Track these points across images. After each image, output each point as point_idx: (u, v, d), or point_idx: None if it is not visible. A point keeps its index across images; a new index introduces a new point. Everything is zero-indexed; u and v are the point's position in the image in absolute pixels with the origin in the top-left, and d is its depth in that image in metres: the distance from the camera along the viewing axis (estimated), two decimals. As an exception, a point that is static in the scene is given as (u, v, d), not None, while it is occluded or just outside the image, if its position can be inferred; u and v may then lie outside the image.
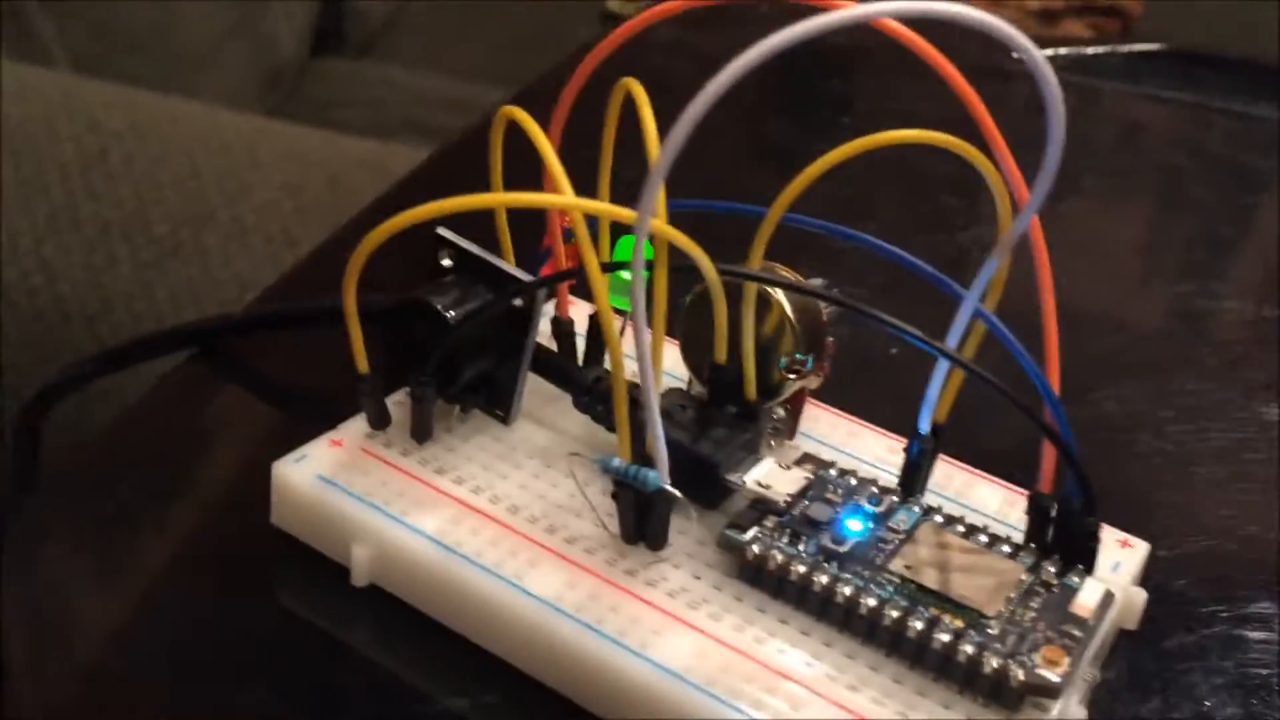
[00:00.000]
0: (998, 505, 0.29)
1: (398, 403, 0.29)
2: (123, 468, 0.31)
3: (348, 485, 0.27)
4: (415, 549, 0.26)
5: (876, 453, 0.30)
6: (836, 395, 0.31)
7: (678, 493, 0.25)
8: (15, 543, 0.29)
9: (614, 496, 0.26)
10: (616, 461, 0.25)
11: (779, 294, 0.28)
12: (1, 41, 0.91)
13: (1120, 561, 0.28)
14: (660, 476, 0.25)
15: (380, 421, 0.28)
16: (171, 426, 0.32)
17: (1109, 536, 0.28)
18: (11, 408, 0.68)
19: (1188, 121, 0.59)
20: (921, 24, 0.23)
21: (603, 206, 0.24)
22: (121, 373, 0.36)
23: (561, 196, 0.24)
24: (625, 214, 0.23)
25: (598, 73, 0.27)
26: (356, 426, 0.28)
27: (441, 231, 0.28)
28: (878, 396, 0.32)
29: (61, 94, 0.76)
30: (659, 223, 0.24)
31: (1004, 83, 0.56)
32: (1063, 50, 0.62)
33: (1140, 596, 0.28)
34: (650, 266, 0.25)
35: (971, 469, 0.30)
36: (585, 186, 0.26)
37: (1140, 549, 0.28)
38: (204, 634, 0.26)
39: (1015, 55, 0.22)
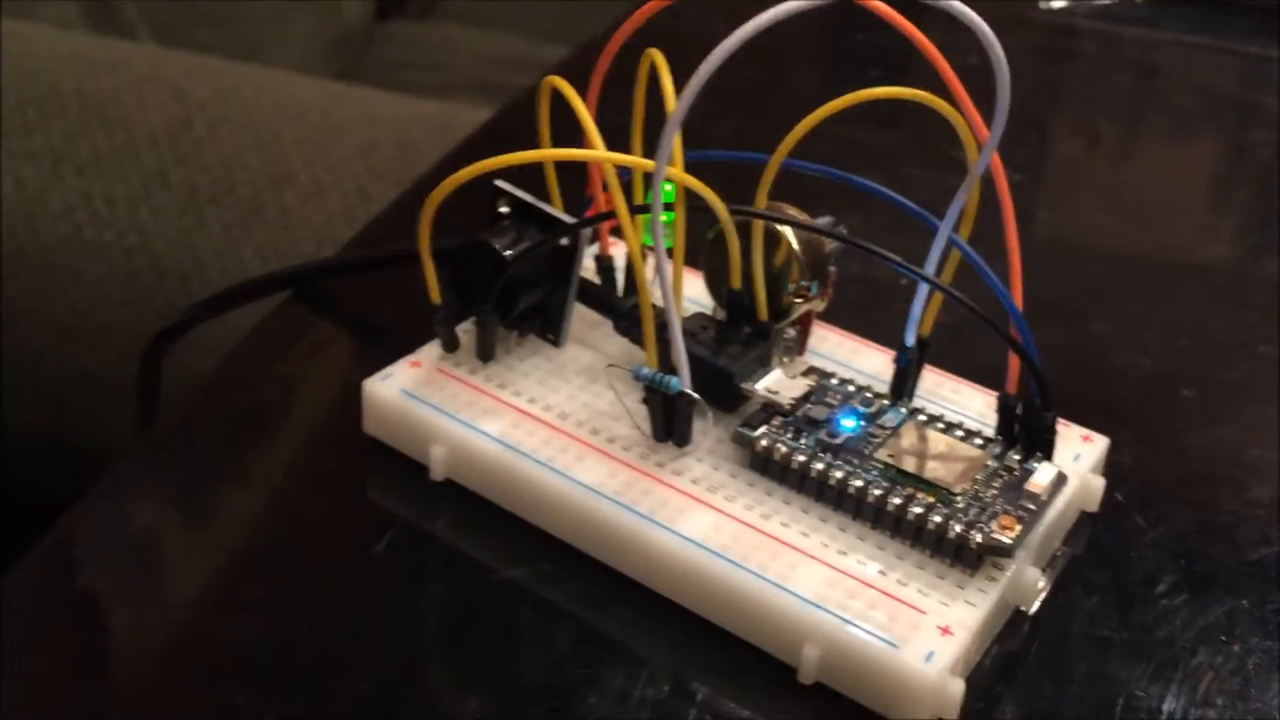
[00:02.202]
0: (979, 408, 0.34)
1: (465, 330, 0.34)
2: (237, 392, 0.36)
3: (426, 397, 0.32)
4: (483, 448, 0.31)
5: (875, 366, 0.35)
6: (847, 318, 0.36)
7: (697, 395, 0.30)
8: (147, 457, 0.35)
9: (645, 401, 0.31)
10: (645, 370, 0.30)
11: (785, 229, 0.33)
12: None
13: (1080, 453, 0.33)
14: (682, 381, 0.30)
15: (451, 345, 0.33)
16: (276, 356, 0.38)
17: (1073, 432, 0.33)
18: (110, 358, 0.74)
19: (1202, 64, 0.63)
20: None
21: (627, 158, 0.29)
22: (225, 320, 0.41)
23: (594, 151, 0.29)
24: (647, 164, 0.28)
25: (639, 37, 0.31)
26: (432, 350, 0.34)
27: (499, 183, 0.33)
28: (885, 319, 0.37)
29: (148, 65, 0.81)
30: (676, 171, 0.29)
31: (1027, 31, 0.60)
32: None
33: (1099, 483, 0.33)
34: (672, 208, 0.30)
35: (960, 379, 0.35)
36: (624, 143, 0.31)
37: (1100, 443, 0.33)
38: (310, 526, 0.32)
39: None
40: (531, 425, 0.32)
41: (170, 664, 0.29)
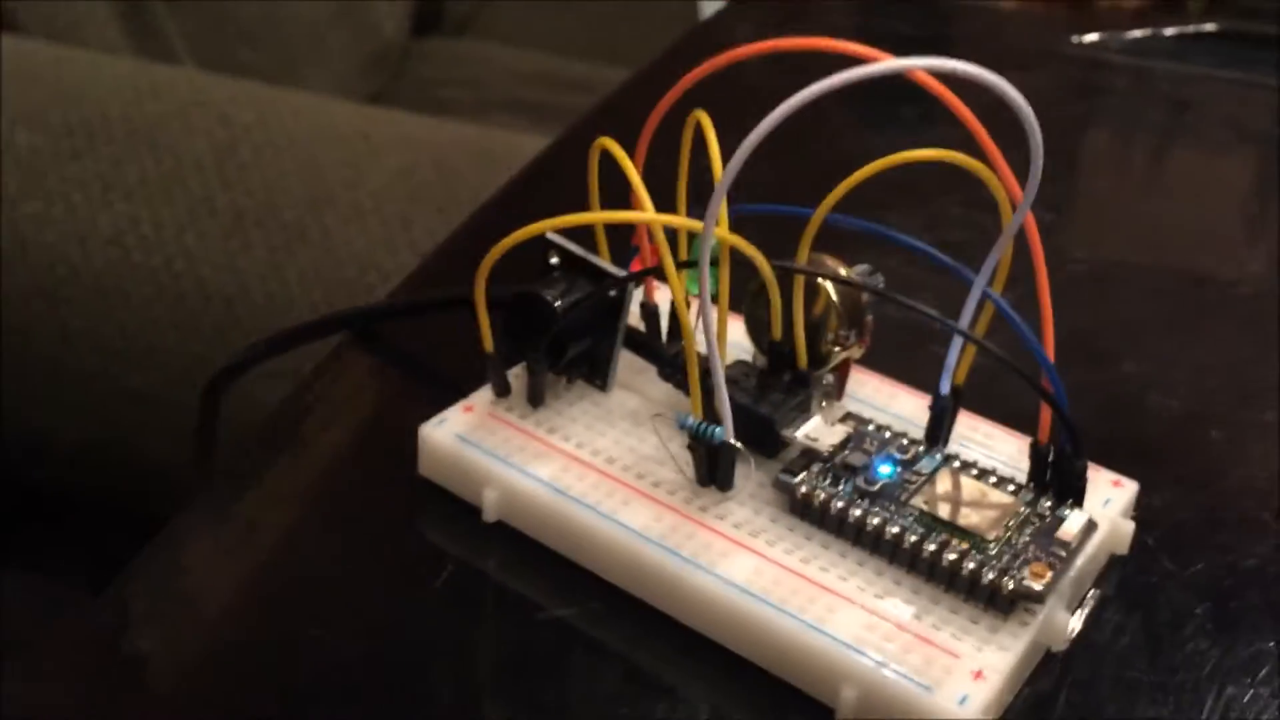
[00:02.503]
0: (1012, 452, 0.35)
1: (516, 376, 0.35)
2: (294, 434, 0.38)
3: (479, 441, 0.34)
4: (533, 491, 0.33)
5: (910, 411, 0.36)
6: (885, 361, 0.37)
7: (739, 445, 0.31)
8: (208, 495, 0.36)
9: (689, 448, 0.32)
10: (690, 420, 0.31)
11: (825, 282, 0.34)
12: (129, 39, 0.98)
13: (1111, 498, 0.34)
14: (725, 431, 0.31)
15: (503, 390, 0.35)
16: (333, 398, 0.39)
17: (1102, 477, 0.34)
18: (158, 379, 0.75)
19: (1233, 99, 0.63)
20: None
21: (675, 219, 0.30)
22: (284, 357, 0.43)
23: (643, 214, 0.30)
24: (695, 225, 0.29)
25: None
26: (484, 395, 0.35)
27: (550, 236, 0.34)
28: (923, 361, 0.38)
29: (193, 91, 0.82)
30: (722, 230, 0.30)
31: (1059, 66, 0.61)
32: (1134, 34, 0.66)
33: (1128, 527, 0.34)
34: (716, 263, 0.31)
35: (994, 423, 0.36)
36: (669, 188, 0.33)
37: (1130, 488, 0.34)
38: (367, 565, 0.33)
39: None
40: (580, 470, 0.33)
41: (228, 702, 0.30)
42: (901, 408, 0.36)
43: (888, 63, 0.27)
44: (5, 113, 0.79)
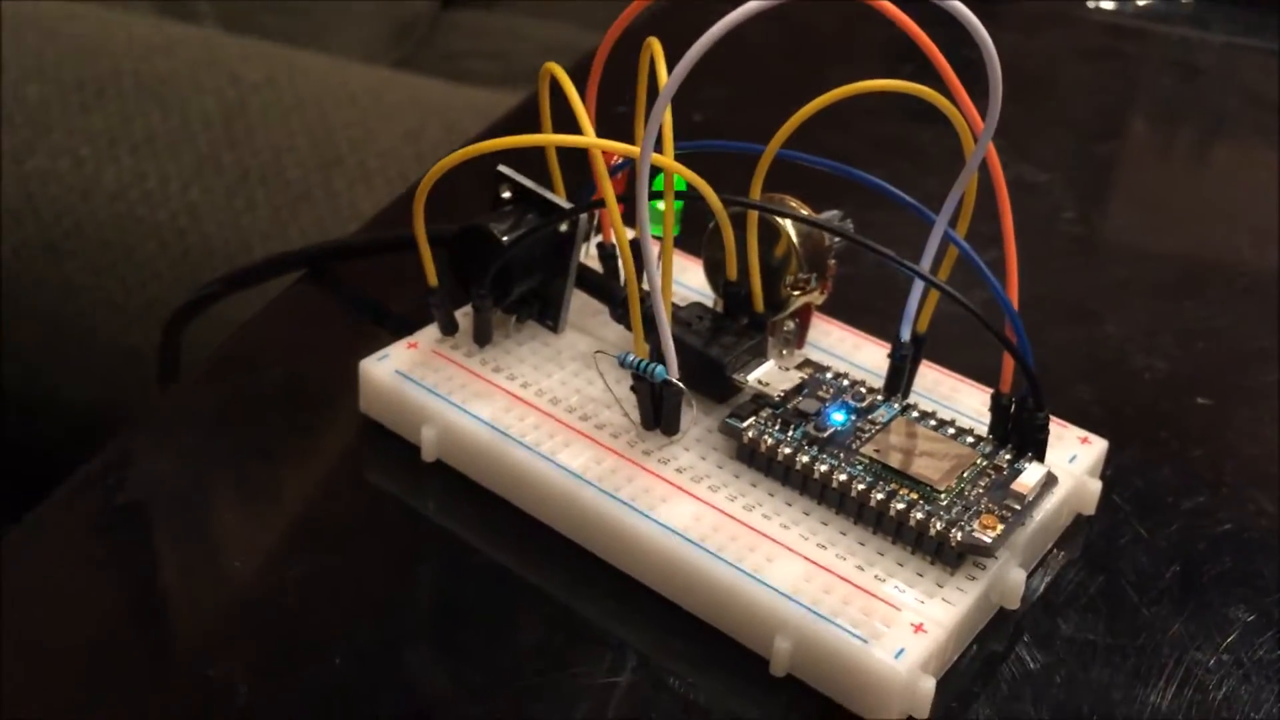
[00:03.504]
0: (976, 406, 0.33)
1: (465, 314, 0.34)
2: (241, 369, 0.37)
3: (420, 379, 0.33)
4: (471, 430, 0.31)
5: (875, 361, 0.34)
6: (852, 311, 0.36)
7: (681, 385, 0.30)
8: (162, 422, 0.35)
9: (633, 389, 0.31)
10: (631, 357, 0.30)
11: (784, 221, 0.32)
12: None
13: (1077, 455, 0.32)
14: (668, 370, 0.30)
15: (449, 328, 0.34)
16: (283, 335, 0.38)
17: (1070, 434, 0.33)
18: (158, 336, 0.75)
19: (1248, 67, 0.62)
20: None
21: (614, 144, 0.29)
22: (246, 297, 0.42)
23: (583, 137, 0.29)
24: (633, 150, 0.28)
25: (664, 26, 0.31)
26: (430, 333, 0.34)
27: (502, 168, 0.33)
28: (892, 312, 0.36)
29: (205, 49, 0.82)
30: (667, 160, 0.29)
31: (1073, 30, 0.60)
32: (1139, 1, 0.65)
33: (1095, 486, 0.32)
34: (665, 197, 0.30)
35: (960, 376, 0.34)
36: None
37: (1098, 445, 0.33)
38: (303, 502, 0.32)
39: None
40: (522, 410, 0.32)
41: (148, 629, 0.29)
42: (865, 358, 0.35)
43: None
44: (17, 66, 0.78)
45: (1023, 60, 0.60)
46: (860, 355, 0.35)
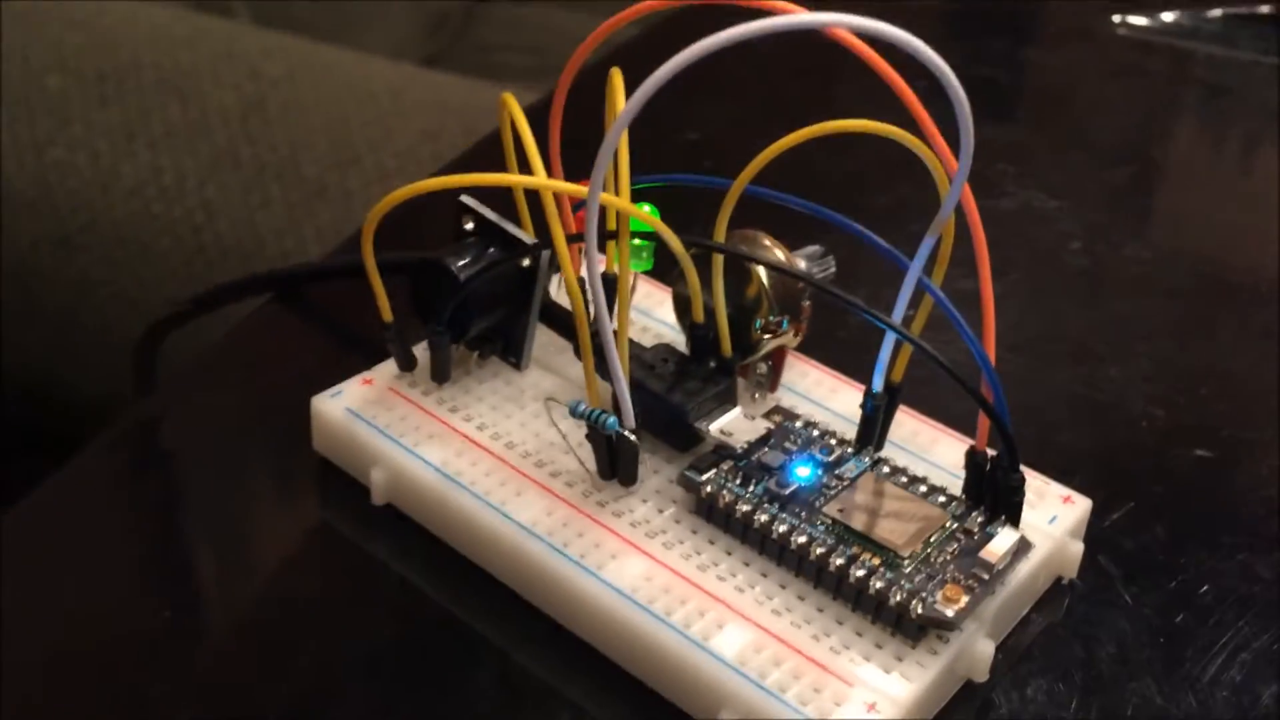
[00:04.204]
0: (955, 460, 0.32)
1: (425, 348, 0.33)
2: (202, 392, 0.36)
3: (371, 418, 0.31)
4: (420, 475, 0.30)
5: (852, 409, 0.33)
6: (831, 352, 0.34)
7: (633, 436, 0.28)
8: (104, 456, 0.34)
9: (588, 438, 0.29)
10: (583, 406, 0.28)
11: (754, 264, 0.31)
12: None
13: (1058, 515, 0.30)
14: (623, 420, 0.28)
15: (406, 364, 0.32)
16: (247, 358, 0.37)
17: (1052, 491, 0.31)
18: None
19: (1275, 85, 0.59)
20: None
21: (561, 185, 0.28)
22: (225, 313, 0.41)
23: (530, 178, 0.27)
24: (580, 190, 0.26)
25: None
26: (388, 368, 0.33)
27: (464, 199, 0.32)
28: (874, 354, 0.35)
29: (226, 43, 0.81)
30: (619, 200, 0.27)
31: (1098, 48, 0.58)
32: (1166, 17, 0.62)
33: (1077, 548, 0.30)
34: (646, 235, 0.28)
35: (940, 426, 0.33)
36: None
37: (1081, 505, 0.31)
38: (246, 536, 0.31)
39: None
40: (476, 454, 0.31)
41: (83, 654, 0.28)
42: (843, 404, 0.33)
43: (798, 17, 0.24)
44: (39, 56, 0.78)
45: (1042, 77, 0.58)
46: (837, 400, 0.33)
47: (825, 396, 0.33)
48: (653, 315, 0.36)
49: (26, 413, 0.77)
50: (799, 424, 0.31)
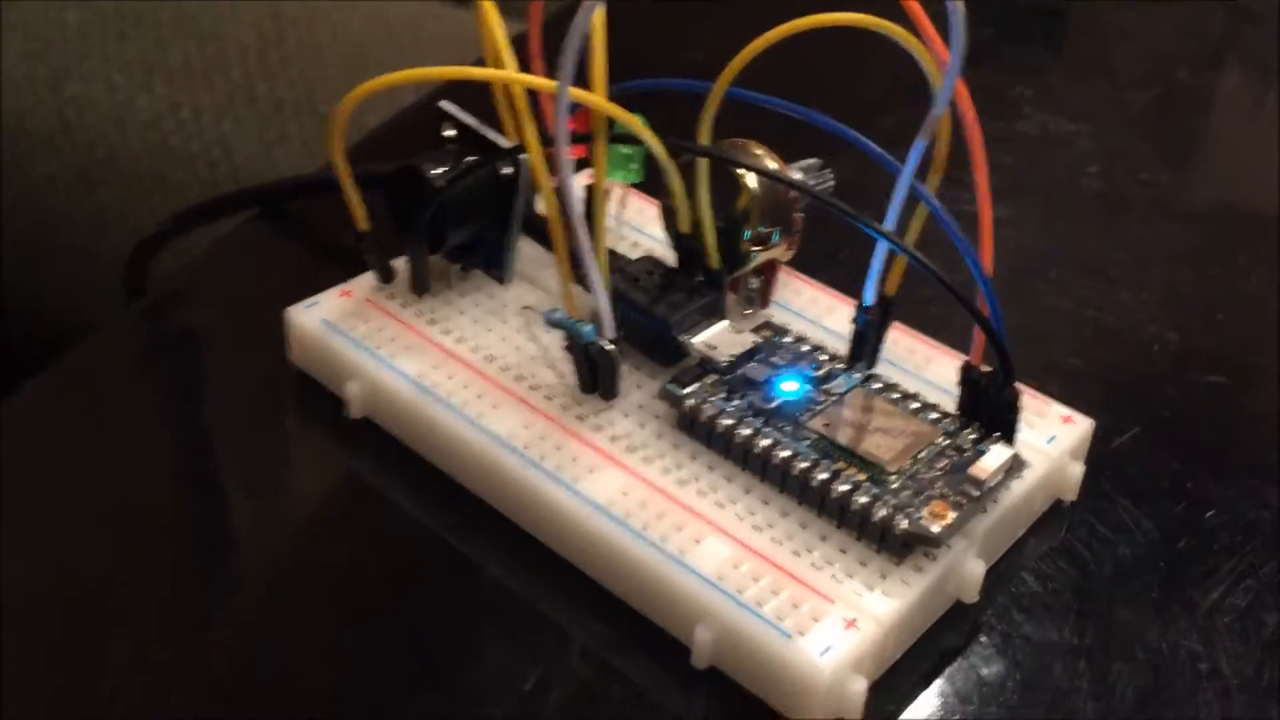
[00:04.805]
0: (951, 378, 0.30)
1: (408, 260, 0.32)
2: (183, 306, 0.35)
3: (347, 329, 0.30)
4: (397, 388, 0.29)
5: (848, 327, 0.32)
6: (829, 268, 0.33)
7: (610, 346, 0.27)
8: (86, 361, 0.34)
9: (566, 349, 0.28)
10: (559, 314, 0.27)
11: (743, 170, 0.30)
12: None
13: (1056, 435, 0.29)
14: (601, 330, 0.27)
15: (385, 276, 0.31)
16: (231, 273, 0.36)
17: (1053, 411, 0.30)
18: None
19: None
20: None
21: (531, 79, 0.26)
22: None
23: (498, 71, 0.26)
24: (551, 85, 0.25)
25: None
26: (368, 280, 0.32)
27: (443, 105, 0.31)
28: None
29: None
30: (598, 99, 0.26)
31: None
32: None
33: (1077, 469, 0.29)
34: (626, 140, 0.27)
35: (937, 344, 0.31)
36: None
37: (1082, 425, 0.30)
38: (221, 450, 0.30)
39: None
40: (453, 367, 0.30)
41: (57, 578, 0.27)
42: (838, 322, 0.32)
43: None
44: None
45: (1064, 4, 0.56)
46: (832, 318, 0.32)
47: (821, 314, 0.32)
48: (645, 231, 0.34)
49: (40, 347, 0.76)
50: (788, 339, 0.30)
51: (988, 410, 0.28)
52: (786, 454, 0.27)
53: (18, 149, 0.74)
